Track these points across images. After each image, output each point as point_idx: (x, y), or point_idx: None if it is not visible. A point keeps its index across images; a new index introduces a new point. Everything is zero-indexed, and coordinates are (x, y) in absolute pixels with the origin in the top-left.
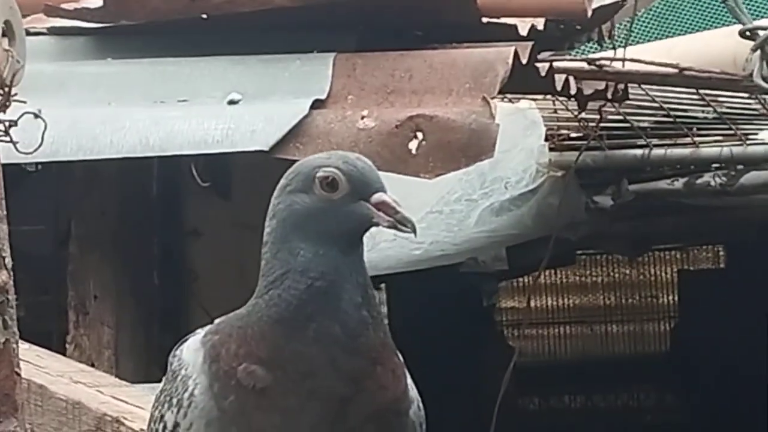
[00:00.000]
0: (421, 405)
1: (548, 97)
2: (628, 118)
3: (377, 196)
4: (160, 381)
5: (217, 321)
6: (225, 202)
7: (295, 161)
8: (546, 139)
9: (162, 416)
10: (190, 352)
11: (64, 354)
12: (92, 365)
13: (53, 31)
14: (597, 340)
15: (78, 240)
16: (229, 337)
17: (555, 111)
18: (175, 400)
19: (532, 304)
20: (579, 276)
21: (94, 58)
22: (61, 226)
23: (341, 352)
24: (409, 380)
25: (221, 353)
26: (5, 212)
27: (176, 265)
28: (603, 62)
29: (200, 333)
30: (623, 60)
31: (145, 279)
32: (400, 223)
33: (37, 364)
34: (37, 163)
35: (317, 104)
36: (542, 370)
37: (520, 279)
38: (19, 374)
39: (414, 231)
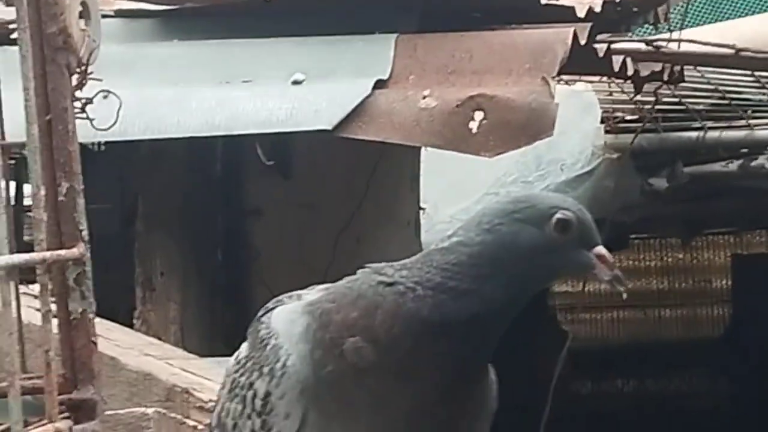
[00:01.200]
0: (493, 376)
1: (604, 79)
2: (683, 100)
3: (599, 249)
4: (224, 355)
5: (325, 287)
6: (286, 182)
7: (357, 140)
8: (602, 122)
9: (251, 384)
10: (282, 321)
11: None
12: (159, 340)
13: (120, 14)
14: (650, 324)
15: (144, 218)
16: (351, 305)
17: (610, 93)
18: (266, 369)
19: (585, 288)
20: (632, 260)
21: (160, 40)
22: (128, 205)
23: (450, 373)
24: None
25: (333, 320)
26: (82, 186)
27: (239, 242)
28: (660, 43)
29: (289, 302)
30: (679, 41)
31: (209, 256)
32: (617, 280)
33: (108, 337)
34: (100, 143)
35: (379, 84)
36: (595, 354)
37: None
38: (95, 343)
39: (626, 291)
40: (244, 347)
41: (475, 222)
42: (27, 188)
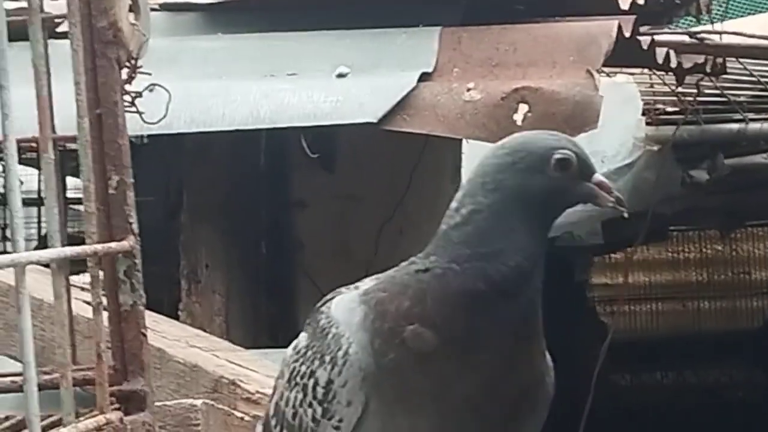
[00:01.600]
0: (551, 365)
1: (645, 71)
2: (725, 92)
3: (596, 177)
4: (269, 347)
5: (377, 278)
6: (329, 174)
7: (400, 133)
8: (642, 114)
9: (313, 372)
10: (341, 311)
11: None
12: (204, 332)
13: (165, 7)
14: (689, 316)
15: (189, 211)
16: (401, 294)
17: (651, 85)
18: (327, 358)
19: (624, 280)
20: (671, 252)
21: (205, 33)
22: (173, 198)
23: (513, 336)
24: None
25: (389, 310)
26: (132, 180)
27: (283, 235)
28: (704, 35)
29: (347, 292)
30: (721, 33)
31: (254, 248)
32: (618, 203)
33: (154, 329)
34: (143, 137)
35: (424, 77)
36: (634, 346)
37: (612, 255)
38: (145, 335)
39: (626, 209)
40: (303, 337)
41: (478, 184)
42: (70, 181)
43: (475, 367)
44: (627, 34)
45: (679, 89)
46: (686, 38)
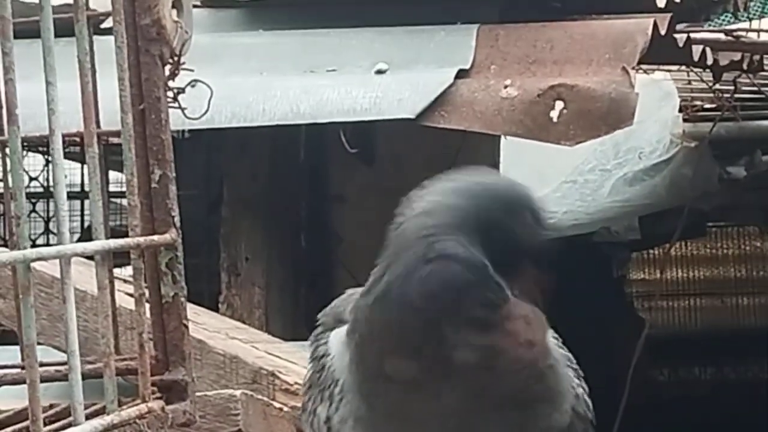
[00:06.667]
0: (577, 386)
1: (682, 68)
2: (762, 89)
3: None
4: (307, 339)
5: (354, 306)
6: (368, 169)
7: (439, 129)
8: (680, 110)
9: (315, 410)
10: (337, 344)
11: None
12: (244, 324)
13: (206, 4)
14: (728, 312)
15: (230, 204)
16: (370, 334)
17: (689, 82)
18: (326, 394)
19: (663, 275)
20: (709, 248)
21: (246, 30)
22: (213, 191)
23: (475, 334)
24: (551, 337)
25: (365, 353)
26: (174, 174)
27: (322, 228)
28: (739, 33)
29: (354, 294)
30: (758, 31)
31: (293, 242)
32: None
33: (194, 320)
34: (184, 131)
35: (461, 74)
36: (672, 341)
37: (650, 251)
38: (186, 326)
39: None
40: (309, 363)
41: None
42: (112, 175)
43: (455, 379)
44: (662, 32)
45: (716, 86)
46: (722, 36)
